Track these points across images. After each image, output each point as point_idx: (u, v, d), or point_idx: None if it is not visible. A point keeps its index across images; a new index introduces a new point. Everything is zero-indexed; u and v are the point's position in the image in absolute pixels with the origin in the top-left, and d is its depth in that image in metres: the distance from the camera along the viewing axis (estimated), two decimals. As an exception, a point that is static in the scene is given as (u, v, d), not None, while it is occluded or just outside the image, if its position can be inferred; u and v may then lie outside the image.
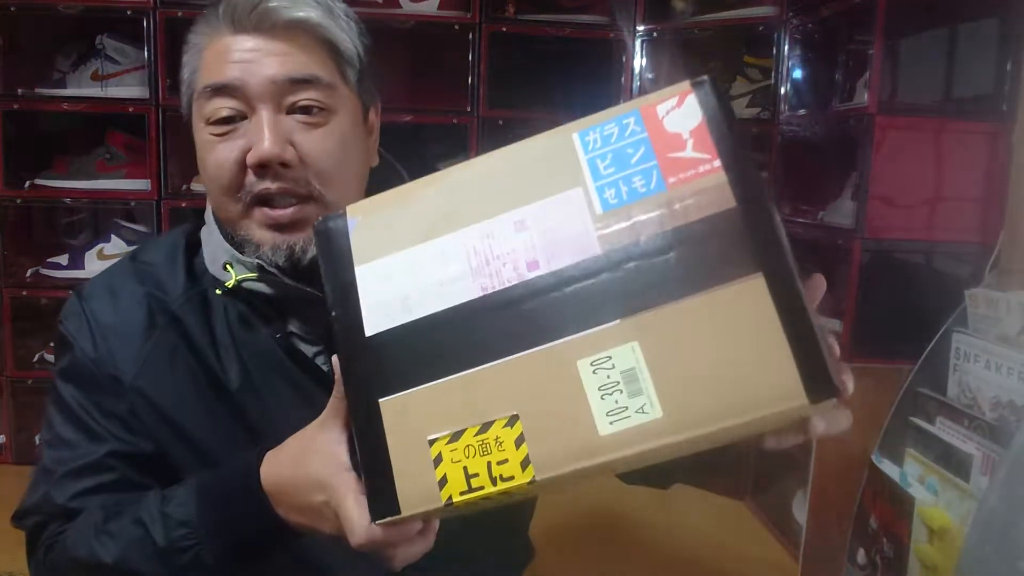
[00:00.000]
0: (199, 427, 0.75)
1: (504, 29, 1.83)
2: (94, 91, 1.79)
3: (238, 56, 0.71)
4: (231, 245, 0.76)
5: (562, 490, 0.50)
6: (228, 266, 0.76)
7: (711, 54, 1.89)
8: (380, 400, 0.54)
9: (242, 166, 0.72)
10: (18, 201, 1.82)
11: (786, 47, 1.69)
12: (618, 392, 0.50)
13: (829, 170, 1.62)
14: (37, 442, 1.78)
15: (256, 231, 0.74)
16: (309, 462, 0.60)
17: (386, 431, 0.54)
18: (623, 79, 1.89)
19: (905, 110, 1.44)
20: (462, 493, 0.52)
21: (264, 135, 0.70)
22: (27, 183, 1.81)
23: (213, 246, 0.78)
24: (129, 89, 1.80)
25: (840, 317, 1.44)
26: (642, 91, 1.89)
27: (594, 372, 0.51)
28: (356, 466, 0.57)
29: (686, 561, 1.49)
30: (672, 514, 1.65)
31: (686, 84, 0.54)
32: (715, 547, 1.54)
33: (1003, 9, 1.37)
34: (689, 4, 1.85)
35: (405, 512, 0.53)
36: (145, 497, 0.70)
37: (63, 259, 1.86)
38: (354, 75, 0.77)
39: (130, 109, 1.78)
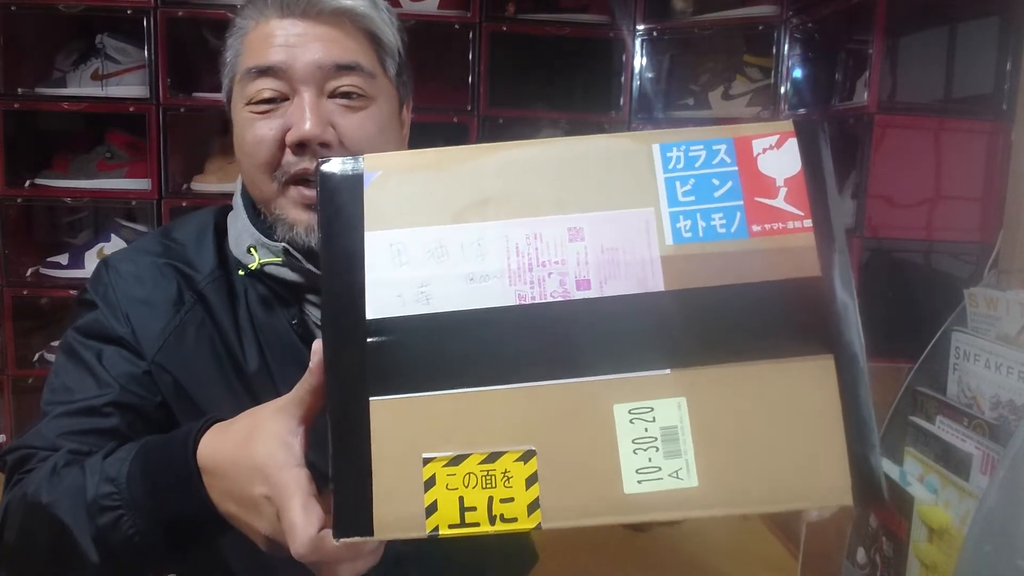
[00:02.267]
0: (215, 406, 0.72)
1: (504, 28, 1.83)
2: (94, 90, 1.78)
3: (284, 39, 0.72)
4: (259, 228, 0.77)
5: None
6: (252, 249, 0.77)
7: (711, 54, 1.89)
8: (371, 399, 0.47)
9: (280, 144, 0.73)
10: (18, 200, 1.81)
11: (786, 46, 1.69)
12: (653, 450, 0.45)
13: (829, 169, 1.62)
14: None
15: (291, 210, 0.74)
16: (255, 446, 0.53)
17: (372, 437, 0.46)
18: (623, 79, 1.88)
19: (905, 109, 1.44)
20: (451, 526, 0.45)
21: (306, 115, 0.71)
22: (27, 182, 1.81)
23: (238, 229, 0.79)
24: (129, 88, 1.80)
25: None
26: (642, 91, 1.89)
27: (631, 421, 0.46)
28: (311, 463, 0.51)
29: (686, 560, 1.49)
30: (672, 513, 1.64)
31: (789, 124, 0.49)
32: (715, 545, 1.54)
33: (1003, 9, 1.37)
34: (689, 4, 1.85)
35: (379, 535, 0.45)
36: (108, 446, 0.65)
37: (63, 258, 1.86)
38: (394, 67, 0.79)
39: (131, 108, 1.78)
